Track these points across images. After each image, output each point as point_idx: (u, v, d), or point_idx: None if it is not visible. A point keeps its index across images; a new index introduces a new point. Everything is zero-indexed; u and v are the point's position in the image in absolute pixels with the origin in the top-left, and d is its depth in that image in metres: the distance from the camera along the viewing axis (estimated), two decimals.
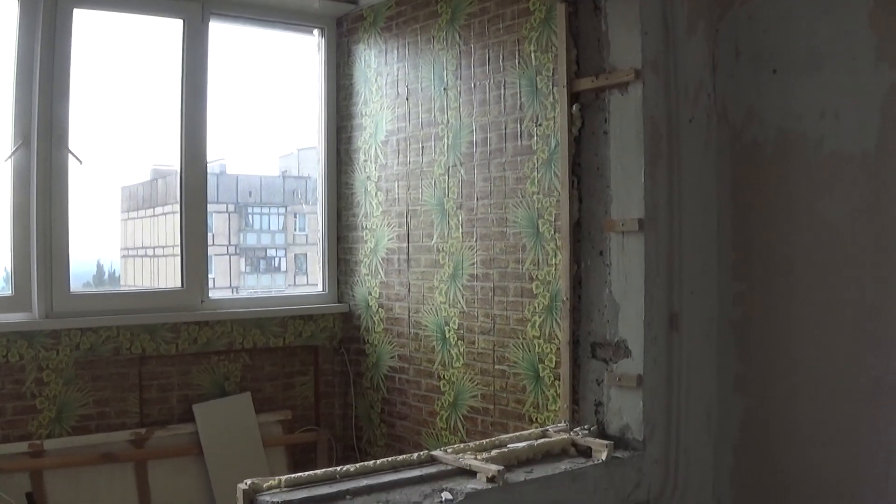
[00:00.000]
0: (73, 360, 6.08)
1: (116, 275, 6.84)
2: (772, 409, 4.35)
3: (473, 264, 5.98)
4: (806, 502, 4.24)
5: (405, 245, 6.60)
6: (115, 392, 6.29)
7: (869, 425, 4.01)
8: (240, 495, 3.42)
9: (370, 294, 6.96)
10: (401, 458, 3.86)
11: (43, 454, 5.92)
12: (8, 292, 5.98)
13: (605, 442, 4.07)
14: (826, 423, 4.16)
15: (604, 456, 4.02)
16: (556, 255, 5.33)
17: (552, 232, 5.39)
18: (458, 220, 6.10)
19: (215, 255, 6.76)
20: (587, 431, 4.28)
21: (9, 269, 5.95)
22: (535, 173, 5.50)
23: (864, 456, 4.02)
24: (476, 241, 5.97)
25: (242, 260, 7.25)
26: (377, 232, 6.88)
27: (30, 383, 5.92)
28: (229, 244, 7.20)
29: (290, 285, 7.43)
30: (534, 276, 5.52)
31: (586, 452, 4.11)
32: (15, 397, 5.89)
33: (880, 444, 3.98)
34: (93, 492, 6.10)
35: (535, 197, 5.51)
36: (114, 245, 6.67)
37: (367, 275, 6.99)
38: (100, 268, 6.73)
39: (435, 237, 6.32)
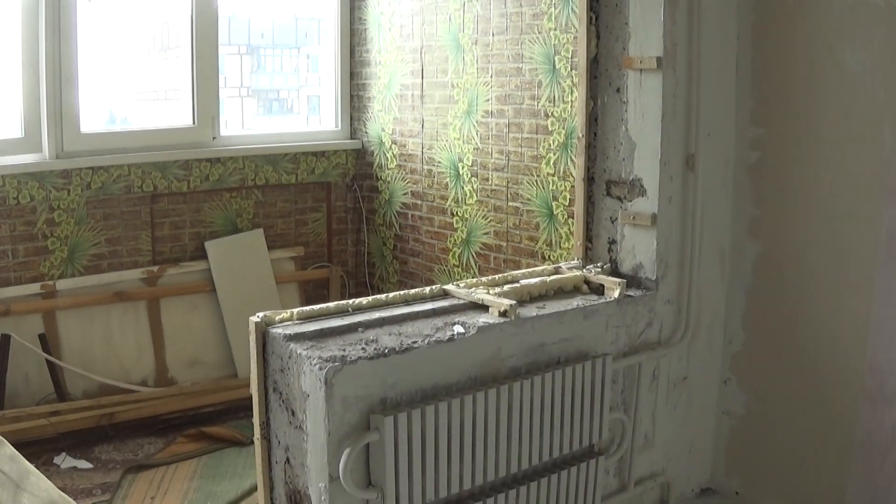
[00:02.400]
0: (84, 200, 6.06)
1: (128, 120, 6.74)
2: (786, 254, 4.33)
3: (488, 100, 5.90)
4: (818, 348, 4.25)
5: (419, 81, 6.50)
6: (126, 231, 6.29)
7: (883, 274, 3.98)
8: (252, 328, 3.42)
9: (383, 130, 6.90)
10: (413, 291, 3.86)
11: (55, 295, 5.96)
12: (18, 133, 5.90)
13: (618, 280, 4.06)
14: (840, 270, 4.14)
15: (616, 294, 4.01)
16: (572, 92, 5.25)
17: (569, 69, 5.29)
18: (474, 55, 5.99)
19: (227, 97, 6.66)
20: (600, 269, 4.27)
21: (19, 111, 5.87)
22: (553, 9, 5.37)
23: (878, 304, 4.00)
24: (491, 76, 5.87)
25: (255, 102, 7.16)
26: (391, 68, 6.77)
27: (41, 224, 5.92)
28: (241, 86, 7.09)
29: (302, 127, 7.38)
30: (549, 113, 5.45)
31: (599, 290, 4.10)
32: (26, 238, 5.89)
33: (894, 293, 3.97)
34: (105, 330, 6.15)
35: (552, 33, 5.39)
36: (124, 89, 6.56)
37: (381, 111, 6.90)
38: (111, 115, 6.64)
39: (449, 73, 6.22)
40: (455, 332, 3.45)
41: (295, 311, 3.52)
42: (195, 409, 6.01)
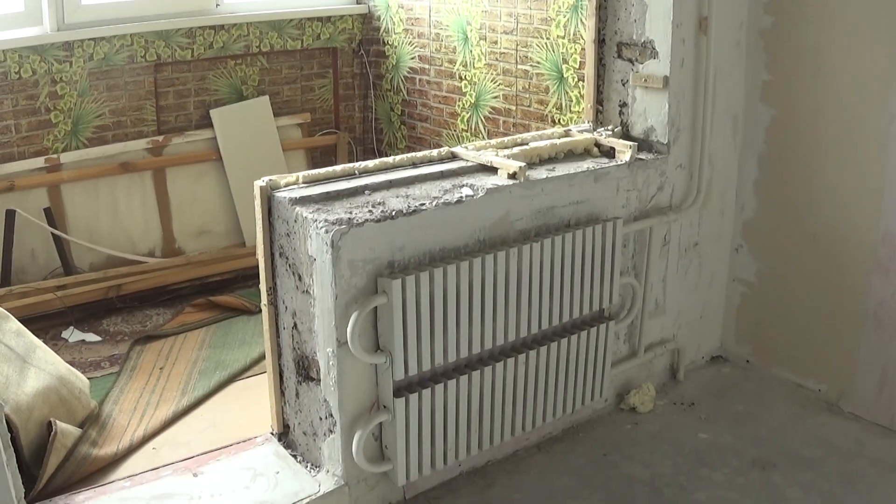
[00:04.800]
0: (86, 72, 5.99)
1: None
2: (799, 121, 4.25)
3: None
4: (831, 217, 4.20)
5: None
6: (130, 101, 6.24)
7: None
8: (257, 192, 3.37)
9: None
10: (421, 154, 3.80)
11: (60, 168, 5.93)
12: (19, 7, 5.78)
13: (629, 143, 3.98)
14: (854, 138, 4.05)
15: (627, 157, 3.94)
16: None
17: None
18: None
19: None
20: (611, 132, 4.19)
21: None
22: None
23: (892, 173, 3.92)
24: None
25: None
26: None
27: (44, 97, 5.85)
28: None
29: None
30: None
31: (609, 153, 4.03)
32: (29, 113, 5.83)
33: None
34: (111, 202, 6.14)
35: None
36: None
37: None
38: None
39: None
40: (463, 195, 3.40)
41: (301, 174, 3.46)
42: (203, 279, 6.03)
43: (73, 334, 5.33)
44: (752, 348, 4.67)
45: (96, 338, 5.33)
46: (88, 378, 4.50)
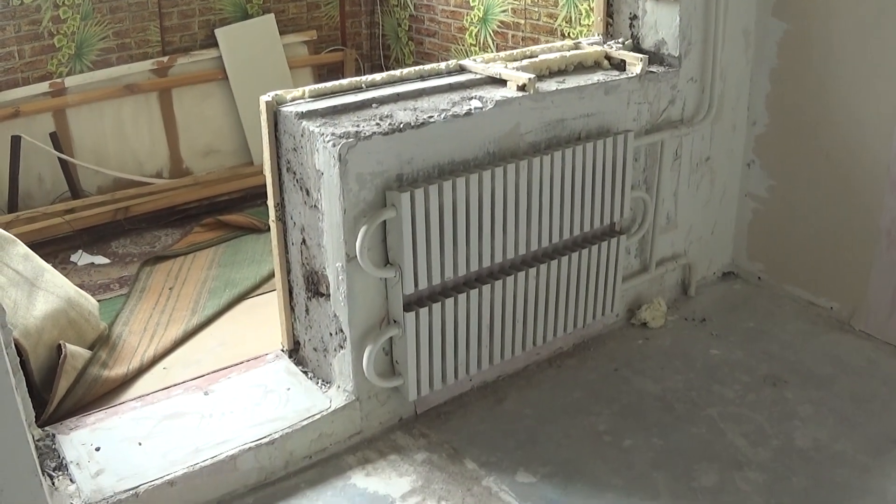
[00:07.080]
0: None
1: None
2: (812, 35, 4.17)
3: None
4: (844, 133, 4.14)
5: None
6: (134, 22, 6.19)
7: None
8: (263, 107, 3.33)
9: None
10: (428, 67, 3.74)
11: (64, 92, 5.90)
12: None
13: (640, 56, 3.92)
14: (868, 54, 3.97)
15: (638, 69, 3.88)
16: None
17: None
18: None
19: None
20: (621, 45, 4.13)
21: None
22: None
23: None
24: None
25: None
26: None
27: (46, 22, 5.80)
28: None
29: None
30: None
31: (620, 66, 3.97)
32: (32, 38, 5.79)
33: None
34: (117, 124, 6.11)
35: None
36: None
37: None
38: None
39: None
40: (472, 107, 3.35)
41: (307, 88, 3.42)
42: (211, 199, 6.03)
43: (81, 257, 5.33)
44: (763, 265, 4.64)
45: (105, 260, 5.32)
46: (98, 300, 4.50)
